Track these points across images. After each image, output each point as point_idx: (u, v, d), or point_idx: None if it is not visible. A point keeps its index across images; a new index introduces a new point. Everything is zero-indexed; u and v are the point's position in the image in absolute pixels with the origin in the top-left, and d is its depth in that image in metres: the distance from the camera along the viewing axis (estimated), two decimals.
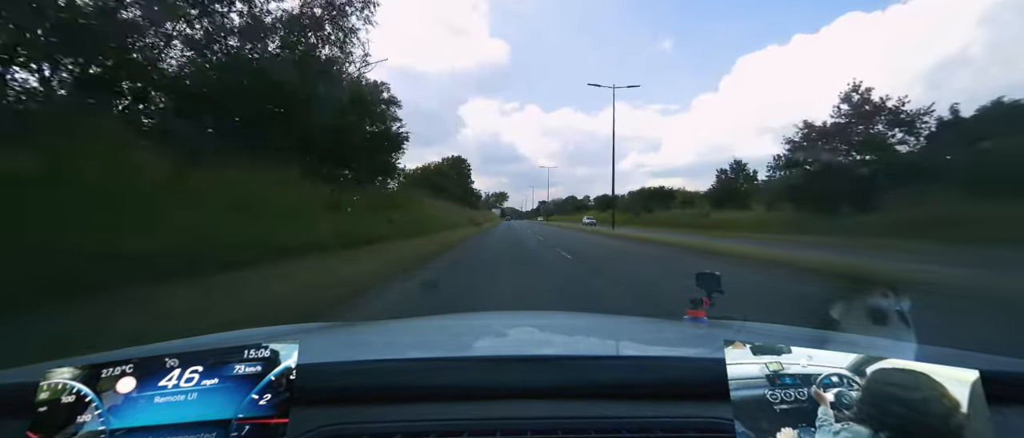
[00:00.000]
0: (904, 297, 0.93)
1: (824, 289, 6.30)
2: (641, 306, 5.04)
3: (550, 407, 0.67)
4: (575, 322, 1.52)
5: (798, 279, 7.37)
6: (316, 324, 1.27)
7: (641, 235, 22.57)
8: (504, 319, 1.58)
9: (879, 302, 0.94)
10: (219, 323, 3.25)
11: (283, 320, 3.04)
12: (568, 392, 0.70)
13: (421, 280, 6.62)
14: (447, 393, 0.69)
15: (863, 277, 7.06)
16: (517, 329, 1.33)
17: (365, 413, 0.66)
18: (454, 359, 0.90)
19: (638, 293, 6.07)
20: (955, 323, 3.90)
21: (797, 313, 3.29)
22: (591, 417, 0.65)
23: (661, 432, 0.62)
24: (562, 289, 6.26)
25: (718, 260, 10.05)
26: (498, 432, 0.61)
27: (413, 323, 1.51)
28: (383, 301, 5.20)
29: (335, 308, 4.74)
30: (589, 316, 1.92)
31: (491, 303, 5.10)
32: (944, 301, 4.58)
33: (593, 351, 1.07)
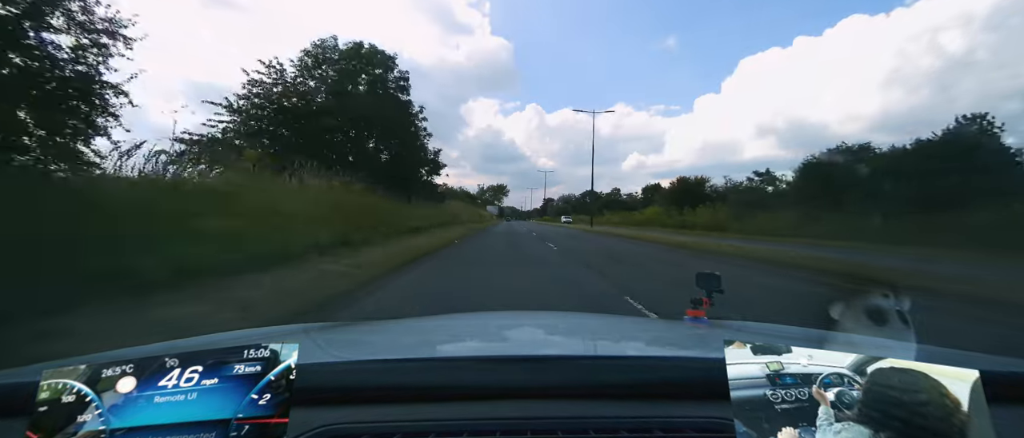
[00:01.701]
0: (904, 297, 0.93)
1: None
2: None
3: (550, 407, 0.67)
4: (575, 322, 1.52)
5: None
6: (316, 324, 1.27)
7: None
8: (504, 319, 1.58)
9: (879, 302, 0.94)
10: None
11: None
12: (568, 392, 0.70)
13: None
14: (447, 393, 0.69)
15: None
16: (517, 329, 1.33)
17: (365, 413, 0.66)
18: (454, 359, 0.90)
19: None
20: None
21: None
22: (591, 417, 0.65)
23: (661, 432, 0.62)
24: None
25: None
26: (498, 432, 0.61)
27: (413, 323, 1.51)
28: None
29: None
30: (589, 316, 1.92)
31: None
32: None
33: (593, 351, 1.07)
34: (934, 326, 3.66)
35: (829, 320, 0.98)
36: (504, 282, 6.73)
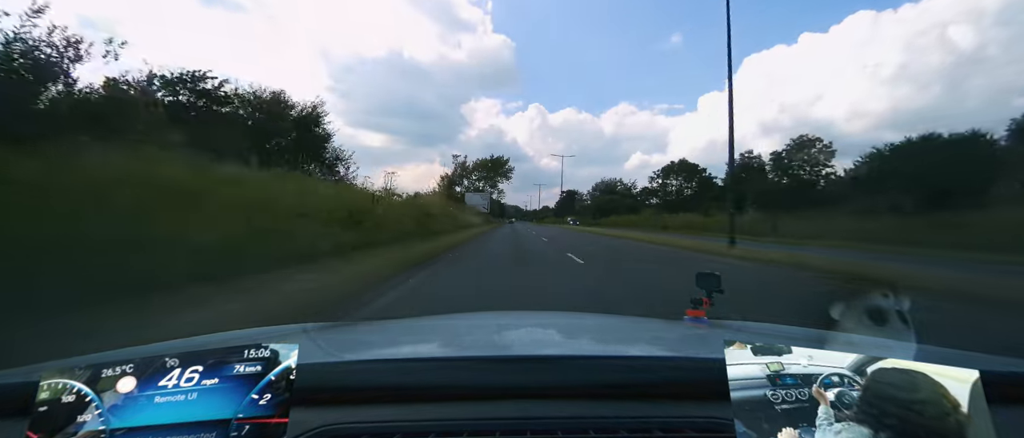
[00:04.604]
0: (904, 297, 0.93)
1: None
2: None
3: (550, 407, 0.67)
4: (575, 322, 1.52)
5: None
6: (316, 324, 1.27)
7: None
8: (504, 319, 1.58)
9: (879, 302, 0.94)
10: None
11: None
12: (568, 392, 0.70)
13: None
14: (447, 393, 0.69)
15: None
16: (517, 329, 1.33)
17: (365, 413, 0.66)
18: (454, 359, 0.90)
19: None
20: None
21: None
22: (591, 417, 0.65)
23: (660, 432, 0.62)
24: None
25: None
26: (498, 432, 0.61)
27: (413, 323, 1.51)
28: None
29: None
30: (589, 316, 1.92)
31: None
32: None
33: (593, 351, 1.07)
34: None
35: (829, 320, 0.98)
36: None
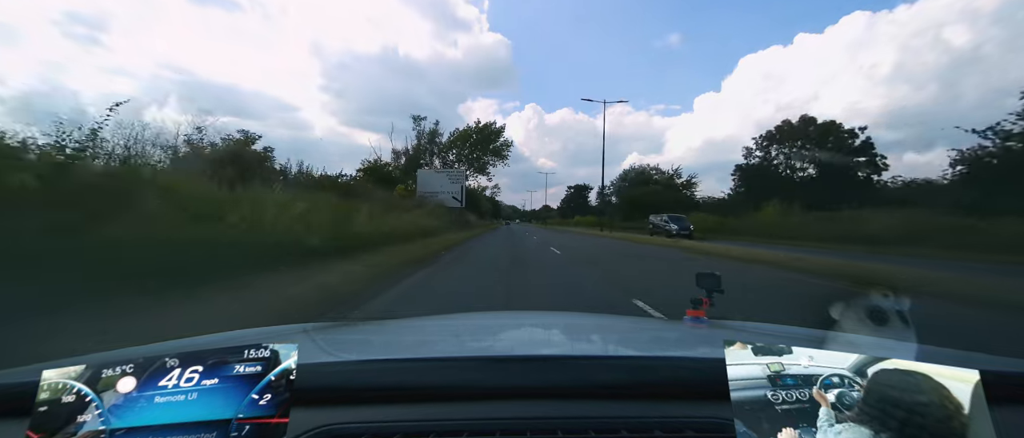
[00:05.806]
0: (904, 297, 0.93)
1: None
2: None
3: (550, 407, 0.67)
4: (575, 322, 1.52)
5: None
6: (316, 324, 1.27)
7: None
8: (504, 319, 1.58)
9: (879, 302, 0.94)
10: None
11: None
12: (568, 392, 0.70)
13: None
14: (447, 393, 0.69)
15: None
16: (517, 329, 1.33)
17: (365, 413, 0.66)
18: (454, 359, 0.90)
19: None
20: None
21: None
22: (591, 417, 0.65)
23: (660, 432, 0.62)
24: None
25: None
26: (498, 432, 0.61)
27: (412, 323, 1.51)
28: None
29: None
30: (589, 316, 1.92)
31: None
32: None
33: (593, 351, 1.07)
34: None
35: (830, 320, 0.97)
36: None
